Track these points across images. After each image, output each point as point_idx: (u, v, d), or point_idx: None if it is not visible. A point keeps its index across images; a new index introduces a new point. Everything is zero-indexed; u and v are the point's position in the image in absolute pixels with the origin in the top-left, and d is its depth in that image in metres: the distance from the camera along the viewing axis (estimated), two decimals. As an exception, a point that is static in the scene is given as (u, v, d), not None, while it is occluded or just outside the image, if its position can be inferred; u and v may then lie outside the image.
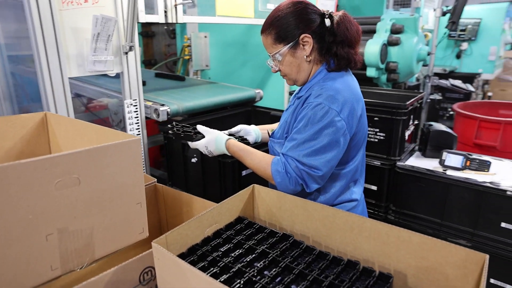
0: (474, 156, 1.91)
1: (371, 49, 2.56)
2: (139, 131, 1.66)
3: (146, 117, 1.73)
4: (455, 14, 3.21)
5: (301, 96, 1.26)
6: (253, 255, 0.89)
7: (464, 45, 5.83)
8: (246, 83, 2.86)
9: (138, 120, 1.64)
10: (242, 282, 0.79)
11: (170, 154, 1.82)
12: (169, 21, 1.70)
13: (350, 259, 0.87)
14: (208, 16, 1.95)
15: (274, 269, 0.83)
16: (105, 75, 1.69)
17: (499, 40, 5.75)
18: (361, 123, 1.24)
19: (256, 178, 1.72)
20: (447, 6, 3.44)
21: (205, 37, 3.05)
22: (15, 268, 0.71)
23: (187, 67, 3.32)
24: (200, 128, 1.40)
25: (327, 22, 1.19)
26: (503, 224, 1.72)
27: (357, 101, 1.20)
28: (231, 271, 0.82)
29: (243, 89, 2.27)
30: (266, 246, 0.92)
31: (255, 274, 0.82)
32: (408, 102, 1.93)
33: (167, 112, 1.69)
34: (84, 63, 1.41)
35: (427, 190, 1.91)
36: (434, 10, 3.39)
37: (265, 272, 0.84)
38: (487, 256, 0.75)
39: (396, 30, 2.61)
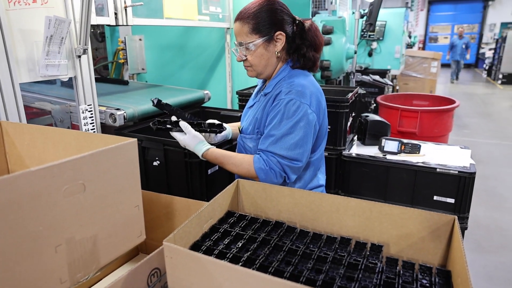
0: (406, 141, 2.18)
1: (306, 49, 2.73)
2: (95, 138, 1.57)
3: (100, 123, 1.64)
4: (371, 17, 3.58)
5: (268, 92, 1.33)
6: (255, 244, 0.93)
7: (374, 44, 6.49)
8: (186, 85, 2.83)
9: (93, 126, 1.56)
10: (255, 269, 0.83)
11: (127, 160, 1.75)
12: (120, 23, 1.63)
13: (343, 236, 0.96)
14: (156, 18, 1.92)
15: (279, 254, 0.88)
16: (43, 81, 1.57)
17: (401, 40, 6.51)
18: (325, 115, 1.35)
19: (222, 175, 1.75)
20: (364, 10, 3.82)
21: (140, 40, 2.95)
22: (24, 286, 0.67)
23: (121, 71, 3.18)
24: (183, 125, 1.35)
25: (299, 26, 1.30)
26: (435, 197, 1.99)
27: (321, 94, 1.31)
28: (241, 261, 0.85)
29: (191, 91, 2.26)
30: (264, 234, 0.97)
31: (264, 260, 0.86)
32: (349, 96, 2.12)
33: (124, 116, 1.63)
34: (36, 68, 1.30)
35: (370, 174, 2.12)
36: (353, 13, 3.74)
37: (271, 257, 0.89)
38: (456, 217, 0.90)
39: (327, 31, 2.83)
